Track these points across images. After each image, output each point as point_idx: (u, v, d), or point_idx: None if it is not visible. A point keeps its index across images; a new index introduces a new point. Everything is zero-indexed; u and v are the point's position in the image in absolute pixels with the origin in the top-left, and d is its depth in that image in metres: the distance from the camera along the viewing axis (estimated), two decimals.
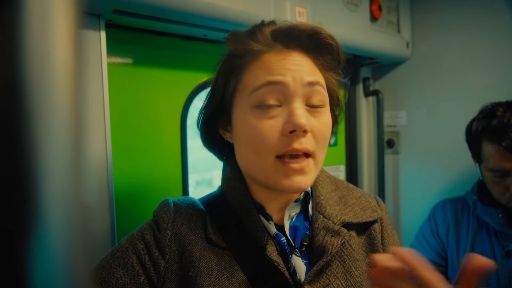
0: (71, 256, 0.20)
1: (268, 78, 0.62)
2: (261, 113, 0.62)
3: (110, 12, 0.87)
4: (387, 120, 1.78)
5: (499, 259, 1.22)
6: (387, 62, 1.71)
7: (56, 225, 0.19)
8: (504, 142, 1.10)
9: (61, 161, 0.19)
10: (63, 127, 0.20)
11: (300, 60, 0.64)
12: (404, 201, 1.75)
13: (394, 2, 1.61)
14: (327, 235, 0.68)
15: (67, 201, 0.20)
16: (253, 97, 0.62)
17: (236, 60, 0.67)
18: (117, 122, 1.00)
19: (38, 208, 0.18)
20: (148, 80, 1.10)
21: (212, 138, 0.75)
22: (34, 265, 0.18)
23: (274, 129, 0.61)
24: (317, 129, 0.63)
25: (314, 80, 0.63)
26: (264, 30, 0.66)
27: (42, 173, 0.19)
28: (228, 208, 0.71)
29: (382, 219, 0.78)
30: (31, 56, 0.18)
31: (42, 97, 0.19)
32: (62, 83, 0.20)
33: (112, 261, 0.65)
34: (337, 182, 0.81)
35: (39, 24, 0.19)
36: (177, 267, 0.65)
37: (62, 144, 0.19)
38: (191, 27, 1.02)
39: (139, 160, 1.07)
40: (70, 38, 0.20)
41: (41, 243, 0.19)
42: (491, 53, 1.46)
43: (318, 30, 0.65)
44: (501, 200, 1.20)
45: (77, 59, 0.21)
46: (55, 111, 0.19)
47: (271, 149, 0.61)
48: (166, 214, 0.68)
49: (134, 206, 1.06)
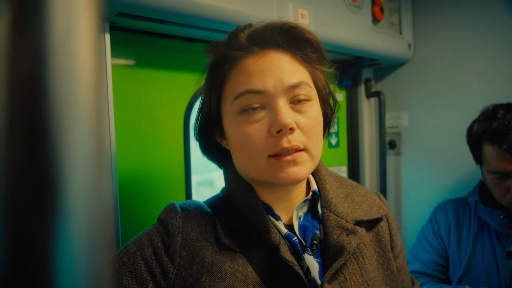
0: (92, 255, 0.21)
1: (247, 87, 0.62)
2: (247, 118, 0.63)
3: (115, 14, 0.88)
4: (389, 121, 1.79)
5: (500, 260, 1.22)
6: (389, 63, 1.72)
7: (78, 224, 0.20)
8: (504, 144, 1.11)
9: (84, 160, 0.20)
10: (87, 127, 0.20)
11: (278, 60, 0.64)
12: (406, 202, 1.76)
13: (396, 4, 1.61)
14: (342, 233, 0.68)
15: (89, 200, 0.20)
16: (236, 104, 0.63)
17: (217, 70, 0.68)
18: (121, 123, 1.01)
19: (61, 207, 0.19)
20: (152, 82, 1.11)
21: (210, 146, 0.75)
22: (56, 263, 0.19)
23: (261, 132, 0.62)
24: (305, 124, 0.63)
25: (296, 82, 0.63)
26: (239, 36, 0.66)
27: (66, 173, 0.19)
28: (235, 210, 0.70)
29: (388, 216, 0.79)
30: (56, 58, 0.19)
31: (66, 98, 0.20)
32: (85, 85, 0.21)
33: (119, 266, 0.63)
34: (341, 179, 0.81)
35: (64, 26, 0.20)
36: (187, 273, 0.63)
37: (85, 144, 0.20)
38: (194, 29, 1.03)
39: (142, 161, 1.08)
40: (93, 40, 0.21)
41: (63, 241, 0.19)
42: (493, 54, 1.46)
43: (291, 25, 0.65)
44: (502, 201, 1.20)
45: (99, 61, 0.22)
46: (79, 111, 0.20)
47: (261, 151, 0.62)
48: (175, 219, 0.67)
49: (138, 207, 1.07)
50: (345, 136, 1.80)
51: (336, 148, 1.75)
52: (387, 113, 1.78)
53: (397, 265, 0.76)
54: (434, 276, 1.36)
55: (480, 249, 1.27)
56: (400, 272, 0.77)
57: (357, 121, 1.81)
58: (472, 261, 1.27)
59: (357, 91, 1.80)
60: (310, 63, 0.69)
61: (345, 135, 1.80)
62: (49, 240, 0.19)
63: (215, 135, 0.73)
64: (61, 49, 0.19)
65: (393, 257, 0.75)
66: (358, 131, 1.81)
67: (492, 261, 1.23)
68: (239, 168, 0.70)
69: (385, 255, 0.74)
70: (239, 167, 0.69)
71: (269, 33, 0.65)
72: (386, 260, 0.73)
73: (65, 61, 0.20)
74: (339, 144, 1.77)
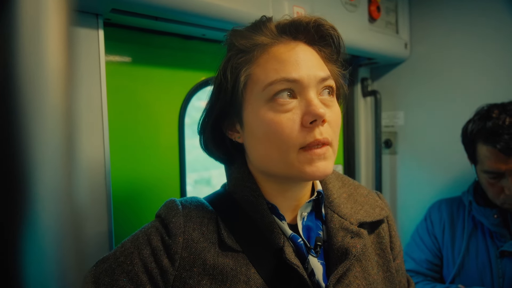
0: (62, 255, 0.20)
1: (283, 75, 0.61)
2: (278, 107, 0.61)
3: (109, 11, 0.87)
4: (385, 120, 1.79)
5: (494, 259, 1.22)
6: (386, 62, 1.72)
7: (48, 224, 0.19)
8: (498, 144, 1.11)
9: (53, 160, 0.20)
10: (56, 126, 0.20)
11: (310, 53, 0.65)
12: (401, 201, 1.76)
13: (392, 3, 1.61)
14: (347, 236, 0.67)
15: (59, 200, 0.20)
16: (267, 92, 0.61)
17: (243, 56, 0.65)
18: (114, 121, 1.00)
19: (30, 207, 0.19)
20: (146, 79, 1.10)
21: (218, 140, 0.72)
22: (26, 263, 0.19)
23: (293, 122, 0.60)
24: (332, 118, 0.63)
25: (326, 75, 0.64)
26: (269, 24, 0.66)
27: (34, 172, 0.19)
28: (238, 208, 0.68)
29: (388, 217, 0.79)
30: (24, 56, 0.19)
31: (35, 97, 0.19)
32: (54, 83, 0.20)
33: (116, 266, 0.62)
34: (343, 178, 0.80)
35: (32, 23, 0.19)
36: (187, 275, 0.61)
37: (54, 143, 0.20)
38: (189, 27, 1.02)
39: (137, 160, 1.08)
40: (63, 37, 0.20)
41: (32, 241, 0.19)
42: (489, 53, 1.46)
43: (321, 22, 0.66)
44: (496, 201, 1.20)
45: (70, 58, 0.21)
46: (48, 110, 0.20)
47: (293, 142, 0.60)
48: (176, 218, 0.65)
49: (132, 205, 1.07)
50: (341, 135, 1.80)
51: None
52: (383, 112, 1.78)
53: (395, 266, 0.76)
54: (428, 275, 1.36)
55: (474, 249, 1.28)
56: (397, 273, 0.77)
57: (353, 120, 1.81)
58: (466, 260, 1.28)
59: (353, 90, 1.80)
60: (330, 63, 0.69)
61: (341, 133, 1.80)
62: (17, 242, 0.19)
63: (226, 128, 0.70)
64: (29, 46, 0.19)
65: (392, 259, 0.75)
66: (354, 130, 1.82)
67: (485, 261, 1.24)
68: (259, 161, 0.67)
69: (385, 257, 0.73)
70: (259, 161, 0.66)
71: (304, 25, 0.65)
72: (386, 262, 0.73)
73: (33, 58, 0.19)
74: None
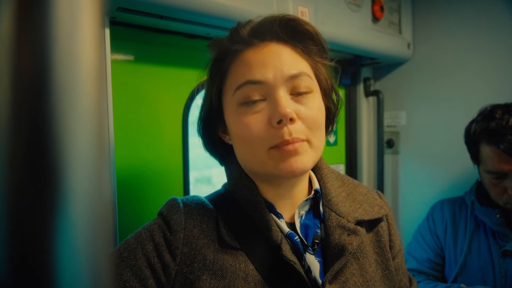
0: (93, 250, 0.21)
1: (247, 78, 0.63)
2: (247, 109, 0.63)
3: (114, 9, 0.88)
4: (387, 120, 1.79)
5: (496, 259, 1.23)
6: (388, 62, 1.72)
7: (79, 218, 0.20)
8: (502, 145, 1.11)
9: (85, 156, 0.20)
10: (88, 124, 0.21)
11: (279, 51, 0.64)
12: (403, 200, 1.76)
13: (396, 3, 1.61)
14: (343, 233, 0.68)
15: (90, 196, 0.20)
16: (237, 96, 0.64)
17: (218, 64, 0.69)
18: (119, 119, 1.01)
19: (62, 203, 0.19)
20: (151, 78, 1.10)
21: (212, 142, 0.75)
22: (58, 260, 0.19)
23: (261, 122, 0.62)
24: (306, 115, 0.63)
25: (296, 72, 0.63)
26: (240, 30, 0.67)
27: (67, 169, 0.19)
28: (238, 207, 0.70)
29: (388, 216, 0.79)
30: (59, 55, 0.19)
31: (68, 94, 0.20)
32: (87, 81, 0.21)
33: (119, 261, 0.63)
34: (342, 177, 0.81)
35: (67, 23, 0.20)
36: (188, 270, 0.63)
37: (86, 140, 0.20)
38: (194, 25, 1.03)
39: (141, 157, 1.08)
40: (96, 38, 0.21)
41: (64, 237, 0.20)
42: (492, 54, 1.47)
43: (290, 18, 0.66)
44: (498, 201, 1.21)
45: (101, 58, 0.22)
46: (81, 108, 0.20)
47: (262, 142, 0.62)
48: (177, 215, 0.67)
49: (136, 202, 1.07)
50: (343, 135, 1.81)
51: (334, 146, 1.76)
52: (386, 112, 1.79)
53: (395, 264, 0.76)
54: (429, 274, 1.36)
55: (476, 248, 1.28)
56: (398, 272, 0.77)
57: (355, 119, 1.82)
58: (468, 259, 1.28)
59: (356, 90, 1.81)
60: (311, 56, 0.68)
61: (343, 133, 1.81)
62: (50, 236, 0.19)
63: (218, 131, 0.73)
64: (64, 47, 0.19)
65: (391, 257, 0.75)
66: (356, 129, 1.82)
67: (487, 260, 1.24)
68: (241, 161, 0.69)
69: (384, 255, 0.74)
70: (242, 161, 0.69)
71: (268, 25, 0.65)
72: (384, 260, 0.73)
73: (68, 58, 0.20)
74: (337, 143, 1.77)
